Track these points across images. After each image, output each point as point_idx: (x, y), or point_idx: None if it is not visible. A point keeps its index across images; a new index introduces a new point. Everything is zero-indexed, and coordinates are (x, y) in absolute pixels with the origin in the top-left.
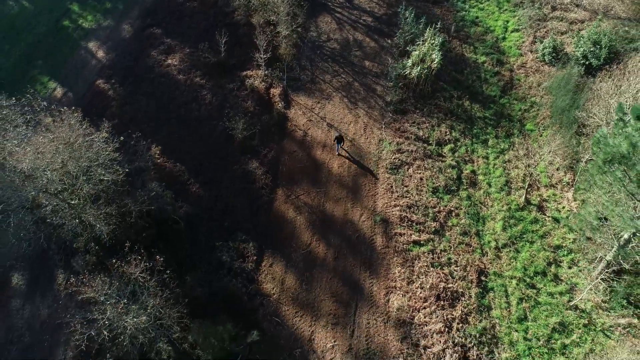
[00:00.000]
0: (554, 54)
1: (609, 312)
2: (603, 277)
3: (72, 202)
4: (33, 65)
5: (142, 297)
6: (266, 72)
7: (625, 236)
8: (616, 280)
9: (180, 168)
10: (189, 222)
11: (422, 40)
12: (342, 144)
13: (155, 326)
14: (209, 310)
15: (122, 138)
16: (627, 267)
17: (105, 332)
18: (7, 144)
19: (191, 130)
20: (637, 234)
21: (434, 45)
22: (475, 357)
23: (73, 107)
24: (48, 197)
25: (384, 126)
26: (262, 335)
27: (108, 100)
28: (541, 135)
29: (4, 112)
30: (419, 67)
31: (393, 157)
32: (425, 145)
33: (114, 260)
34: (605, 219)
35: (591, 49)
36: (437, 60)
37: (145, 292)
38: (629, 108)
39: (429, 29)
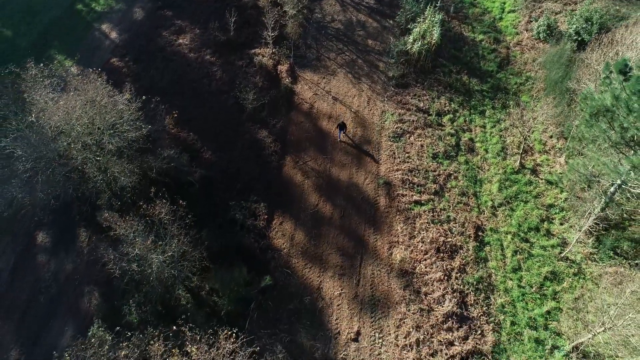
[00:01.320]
0: (548, 32)
1: (597, 262)
2: (591, 229)
3: (98, 158)
4: (49, 46)
5: (167, 238)
6: (274, 50)
7: (612, 189)
8: (604, 234)
9: (193, 137)
10: (203, 184)
11: (423, 18)
12: (344, 130)
13: (177, 267)
14: (224, 262)
15: (144, 97)
16: (612, 217)
17: (134, 266)
18: (40, 102)
19: (203, 103)
20: (622, 186)
21: (434, 22)
22: (472, 302)
23: (99, 69)
24: (78, 150)
25: (386, 99)
26: (274, 281)
27: (122, 77)
28: (536, 106)
29: (34, 74)
30: (419, 43)
31: (395, 127)
32: (425, 115)
33: (141, 203)
34: (594, 176)
35: (583, 26)
36: (436, 36)
37: (169, 233)
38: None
39: (429, 8)
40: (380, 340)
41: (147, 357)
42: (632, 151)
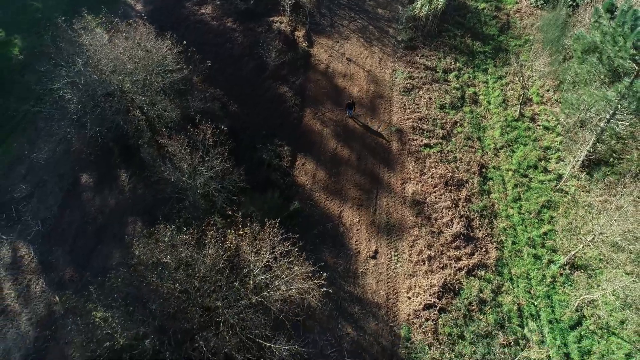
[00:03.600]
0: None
1: (589, 193)
2: (584, 165)
3: (144, 97)
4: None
5: (211, 156)
6: (290, 18)
7: (602, 124)
8: (595, 169)
9: (219, 92)
10: (232, 130)
11: None
12: (353, 109)
13: (221, 182)
14: (257, 188)
15: (184, 42)
16: (602, 153)
17: (185, 179)
18: (90, 48)
19: (226, 65)
20: (611, 120)
21: None
22: (477, 225)
23: (145, 17)
24: (127, 87)
25: (396, 59)
26: (301, 207)
27: None
28: (534, 63)
29: (87, 21)
30: (426, 7)
31: (405, 83)
32: (433, 73)
33: (189, 126)
34: (585, 108)
35: None
36: (442, 1)
37: (212, 153)
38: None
39: None
40: (396, 258)
41: (204, 241)
42: (618, 82)
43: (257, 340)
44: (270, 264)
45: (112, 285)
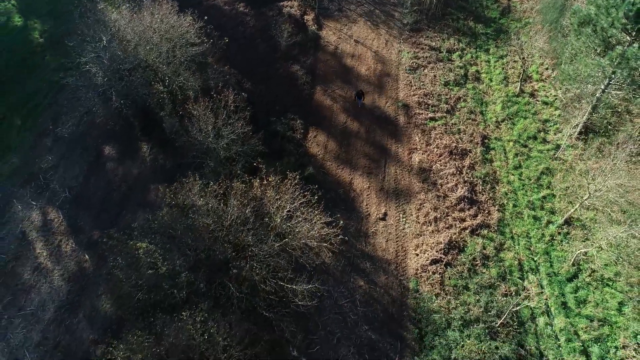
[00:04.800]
0: None
1: (585, 161)
2: (580, 135)
3: (167, 68)
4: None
5: (234, 120)
6: (300, 2)
7: (597, 95)
8: (591, 139)
9: (233, 71)
10: (247, 104)
11: None
12: (362, 98)
13: (243, 144)
14: (273, 154)
15: (205, 17)
16: (597, 124)
17: (210, 139)
18: (116, 24)
19: (240, 46)
20: (605, 91)
21: None
22: (480, 190)
23: None
24: (153, 59)
25: (402, 41)
26: (314, 172)
27: None
28: (534, 43)
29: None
30: None
31: (411, 62)
32: (437, 53)
33: (212, 93)
34: (581, 79)
35: None
36: None
37: (234, 117)
38: None
39: None
40: (404, 219)
41: (231, 192)
42: (611, 51)
43: (280, 283)
44: (291, 213)
45: (151, 226)
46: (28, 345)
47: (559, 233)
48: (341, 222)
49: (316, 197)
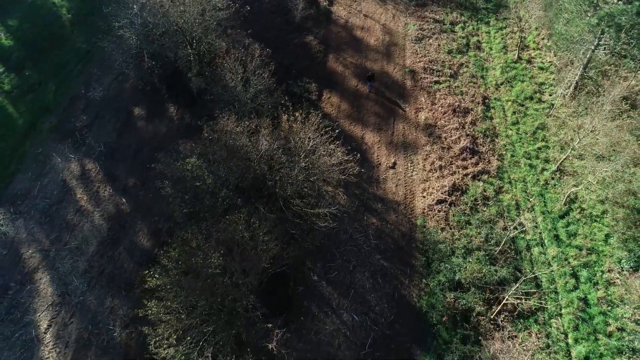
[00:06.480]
0: None
1: (577, 117)
2: (573, 94)
3: (197, 29)
4: None
5: (260, 72)
6: None
7: (588, 55)
8: (583, 97)
9: (250, 40)
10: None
11: None
12: (373, 81)
13: (265, 102)
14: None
15: None
16: (588, 85)
17: (239, 88)
18: None
19: (256, 20)
20: (595, 51)
21: None
22: (481, 142)
23: None
24: (184, 22)
25: (408, 15)
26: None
27: None
28: (531, 17)
29: None
30: None
31: (416, 33)
32: (441, 25)
33: (240, 47)
34: (573, 39)
35: None
36: None
37: (261, 70)
38: None
39: None
40: (411, 167)
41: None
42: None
43: (305, 209)
44: (315, 147)
45: (194, 151)
46: (75, 273)
47: (552, 178)
48: (358, 154)
49: (336, 133)
